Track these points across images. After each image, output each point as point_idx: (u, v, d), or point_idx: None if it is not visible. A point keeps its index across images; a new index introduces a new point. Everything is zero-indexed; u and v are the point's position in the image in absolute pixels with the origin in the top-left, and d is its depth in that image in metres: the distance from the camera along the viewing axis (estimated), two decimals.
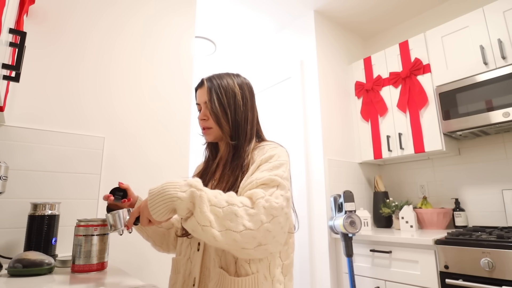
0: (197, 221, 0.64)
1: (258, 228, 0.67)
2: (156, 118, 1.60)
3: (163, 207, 0.66)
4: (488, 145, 2.01)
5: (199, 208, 0.65)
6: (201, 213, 0.64)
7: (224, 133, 0.89)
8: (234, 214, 0.66)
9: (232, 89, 0.91)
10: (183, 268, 0.87)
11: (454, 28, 1.95)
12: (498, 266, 1.34)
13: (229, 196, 0.69)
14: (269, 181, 0.74)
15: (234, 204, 0.67)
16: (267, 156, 0.82)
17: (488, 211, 1.95)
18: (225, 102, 0.89)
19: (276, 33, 2.76)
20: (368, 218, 2.08)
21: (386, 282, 1.72)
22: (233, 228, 0.65)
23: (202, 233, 0.65)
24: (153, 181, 1.52)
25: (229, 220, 0.65)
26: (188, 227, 0.67)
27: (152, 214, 0.67)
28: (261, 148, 0.87)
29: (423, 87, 2.04)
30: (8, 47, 0.86)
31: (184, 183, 0.68)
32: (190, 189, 0.66)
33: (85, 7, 1.46)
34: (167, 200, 0.66)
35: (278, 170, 0.78)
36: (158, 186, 0.69)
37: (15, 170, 1.16)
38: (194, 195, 0.66)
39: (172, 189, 0.67)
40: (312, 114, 2.29)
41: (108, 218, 0.78)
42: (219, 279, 0.75)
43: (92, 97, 1.41)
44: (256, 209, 0.68)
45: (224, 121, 0.88)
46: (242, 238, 0.65)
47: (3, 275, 0.84)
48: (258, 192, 0.71)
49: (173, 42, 1.75)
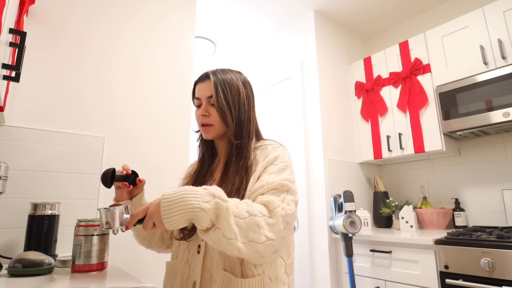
0: (223, 234, 0.62)
1: (278, 237, 0.67)
2: (157, 118, 1.60)
3: (180, 216, 0.61)
4: (488, 145, 2.01)
5: (226, 221, 0.62)
6: (228, 226, 0.62)
7: (228, 131, 0.86)
8: (257, 225, 0.65)
9: (237, 86, 0.88)
10: (180, 272, 0.84)
11: (454, 28, 1.95)
12: (498, 266, 1.34)
13: (248, 205, 0.67)
14: (279, 185, 0.74)
15: (255, 214, 0.66)
16: (272, 157, 0.81)
17: (488, 211, 1.95)
18: (230, 99, 0.85)
19: (276, 33, 2.76)
20: (368, 218, 2.08)
21: (386, 282, 1.71)
22: (256, 240, 0.64)
23: (226, 246, 0.63)
24: (153, 181, 1.52)
25: (252, 231, 0.64)
26: (210, 239, 0.64)
27: (166, 222, 0.61)
28: (263, 148, 0.85)
29: (423, 87, 2.04)
30: (8, 47, 0.86)
31: (205, 192, 0.64)
32: (214, 199, 0.63)
33: (86, 8, 1.46)
34: (188, 210, 0.61)
35: (285, 173, 0.78)
36: (175, 193, 0.63)
37: (15, 170, 1.16)
38: (219, 207, 0.62)
39: (194, 198, 0.62)
40: (312, 114, 2.29)
41: (101, 214, 0.68)
42: (224, 281, 0.72)
43: (92, 97, 1.41)
44: (275, 219, 0.68)
45: (230, 118, 0.85)
46: (264, 248, 0.65)
47: (3, 275, 0.84)
48: (275, 200, 0.70)
49: (173, 42, 1.75)
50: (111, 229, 0.68)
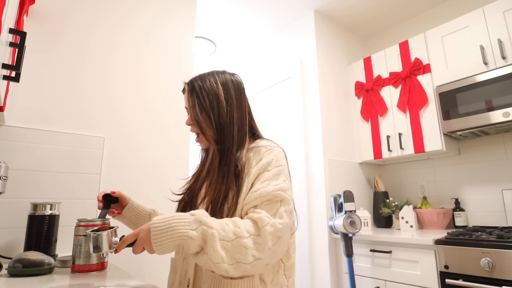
0: (210, 258, 0.64)
1: (266, 255, 0.69)
2: (157, 118, 1.60)
3: (170, 243, 0.64)
4: (488, 145, 2.01)
5: (212, 247, 0.64)
6: (214, 252, 0.64)
7: (207, 139, 0.87)
8: (244, 246, 0.67)
9: (215, 90, 0.87)
10: (180, 267, 0.86)
11: (454, 28, 1.95)
12: (498, 266, 1.34)
13: (235, 226, 0.68)
14: (272, 196, 0.74)
15: (242, 236, 0.67)
16: (265, 162, 0.79)
17: (488, 211, 1.95)
18: (207, 105, 0.85)
19: (276, 34, 2.76)
20: (368, 218, 2.08)
21: (386, 282, 1.71)
22: (243, 261, 0.66)
23: (214, 269, 0.65)
24: (153, 181, 1.52)
25: (239, 253, 0.66)
26: (200, 262, 0.67)
27: (156, 249, 0.65)
28: (256, 151, 0.84)
29: (423, 87, 2.04)
30: (8, 47, 0.86)
31: (192, 218, 0.66)
32: (201, 226, 0.65)
33: (86, 8, 1.46)
34: (176, 237, 0.64)
35: (279, 180, 0.77)
36: (164, 221, 0.66)
37: (15, 170, 1.16)
38: (205, 233, 0.65)
39: (182, 226, 0.65)
40: (312, 114, 2.29)
41: (90, 238, 0.68)
42: (213, 282, 0.74)
43: (92, 97, 1.41)
44: (263, 237, 0.69)
45: (206, 127, 0.86)
46: (252, 267, 0.68)
47: (3, 275, 0.84)
48: (264, 218, 0.70)
49: (174, 42, 1.75)
50: (100, 253, 0.67)
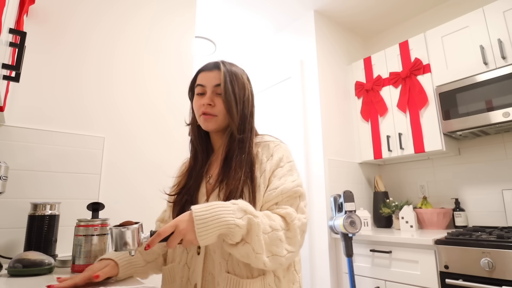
0: (253, 248, 0.64)
1: (297, 248, 0.71)
2: (157, 118, 1.60)
3: (215, 233, 0.62)
4: (488, 145, 2.01)
5: (257, 236, 0.64)
6: (258, 241, 0.64)
7: (232, 124, 0.82)
8: (279, 239, 0.67)
9: (243, 81, 0.87)
10: (179, 275, 0.81)
11: (454, 28, 1.95)
12: (498, 266, 1.34)
13: (270, 220, 0.69)
14: (292, 193, 0.76)
15: (277, 229, 0.68)
16: (277, 158, 0.80)
17: (488, 211, 1.95)
18: (237, 92, 0.84)
19: (276, 34, 2.76)
20: (368, 218, 2.08)
21: (386, 282, 1.71)
22: (279, 254, 0.67)
23: (254, 260, 0.65)
24: (154, 181, 1.52)
25: (275, 245, 0.67)
26: (238, 252, 0.65)
27: (201, 239, 0.61)
28: (265, 145, 0.84)
29: (423, 87, 2.04)
30: (8, 47, 0.86)
31: (236, 207, 0.65)
32: (246, 215, 0.65)
33: (87, 8, 1.46)
34: (223, 226, 0.62)
35: (293, 175, 0.80)
36: (207, 209, 0.63)
37: (15, 170, 1.16)
38: (251, 223, 0.64)
39: (227, 214, 0.63)
40: (312, 114, 2.29)
41: (116, 234, 0.62)
42: (228, 283, 0.71)
43: (92, 97, 1.41)
44: (293, 232, 0.70)
45: (235, 111, 0.82)
46: (286, 260, 0.69)
47: (3, 275, 0.84)
48: (291, 213, 0.72)
49: (174, 42, 1.75)
50: (130, 251, 0.63)
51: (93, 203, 1.00)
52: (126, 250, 0.62)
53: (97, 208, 0.99)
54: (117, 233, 0.62)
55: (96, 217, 0.96)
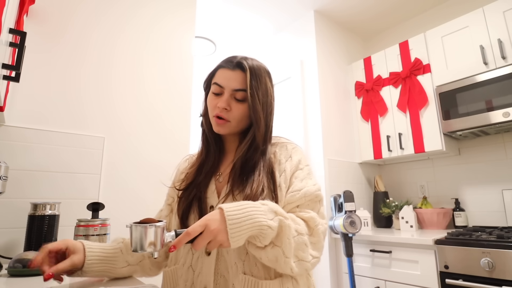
0: (283, 252, 0.61)
1: (321, 253, 0.70)
2: (157, 118, 1.60)
3: (247, 234, 0.58)
4: (488, 145, 2.01)
5: (288, 239, 0.61)
6: (289, 244, 0.61)
7: (258, 134, 0.76)
8: (305, 244, 0.65)
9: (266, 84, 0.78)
10: (182, 278, 0.74)
11: (454, 28, 1.95)
12: (498, 266, 1.34)
13: (295, 223, 0.66)
14: (314, 196, 0.74)
15: (302, 233, 0.66)
16: (296, 160, 0.78)
17: (488, 211, 1.95)
18: (261, 99, 0.76)
19: (276, 34, 2.76)
20: (368, 218, 2.08)
21: (386, 282, 1.71)
22: (304, 259, 0.65)
23: (282, 264, 0.62)
24: (153, 182, 1.52)
25: (301, 250, 0.65)
26: (266, 256, 0.62)
27: (233, 241, 0.57)
28: (282, 146, 0.82)
29: (423, 87, 2.04)
30: (8, 47, 0.86)
31: (266, 208, 0.61)
32: (277, 217, 0.61)
33: (86, 8, 1.46)
34: (256, 227, 0.58)
35: (313, 179, 0.78)
36: (239, 208, 0.59)
37: (15, 170, 1.16)
38: (282, 225, 0.61)
39: (260, 215, 0.59)
40: (312, 114, 2.29)
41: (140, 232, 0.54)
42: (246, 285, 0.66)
43: (92, 97, 1.41)
44: (317, 237, 0.69)
45: (262, 122, 0.76)
46: (311, 266, 0.67)
47: (3, 275, 0.85)
48: (315, 218, 0.70)
49: (174, 42, 1.75)
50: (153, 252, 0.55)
51: (93, 203, 1.00)
52: (149, 251, 0.54)
53: (97, 208, 0.99)
54: (141, 231, 0.54)
55: (96, 217, 0.97)
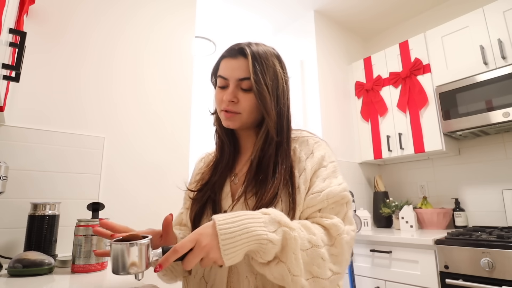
0: (289, 269, 0.52)
1: (344, 268, 0.59)
2: (157, 118, 1.60)
3: (243, 249, 0.50)
4: (488, 145, 2.01)
5: (294, 254, 0.52)
6: (295, 261, 0.52)
7: (270, 123, 0.68)
8: (321, 258, 0.55)
9: (274, 67, 0.71)
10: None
11: (454, 28, 1.95)
12: (498, 266, 1.34)
13: (309, 233, 0.56)
14: (339, 198, 0.64)
15: (318, 245, 0.55)
16: (319, 157, 0.69)
17: (488, 211, 1.95)
18: (269, 83, 0.69)
19: (276, 34, 2.76)
20: (368, 218, 2.08)
21: (386, 282, 1.71)
22: (321, 276, 0.55)
23: (290, 283, 0.53)
24: (153, 182, 1.52)
25: (316, 265, 0.55)
26: (271, 273, 0.54)
27: (227, 258, 0.49)
28: (303, 141, 0.73)
29: (423, 87, 2.04)
30: (8, 47, 0.86)
31: (267, 218, 0.53)
32: (281, 228, 0.52)
33: (86, 8, 1.46)
34: (253, 241, 0.50)
35: (338, 178, 0.68)
36: (233, 220, 0.51)
37: (15, 170, 1.16)
38: (287, 237, 0.52)
39: (258, 227, 0.51)
40: (312, 114, 2.29)
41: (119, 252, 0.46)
42: None
43: (92, 97, 1.41)
44: (339, 248, 0.58)
45: (271, 108, 0.68)
46: (330, 284, 0.56)
47: (3, 275, 0.84)
48: (338, 225, 0.60)
49: (174, 42, 1.75)
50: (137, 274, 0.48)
51: (93, 203, 1.00)
52: (131, 273, 0.47)
53: (97, 208, 0.99)
54: (121, 250, 0.46)
55: (96, 217, 0.97)
